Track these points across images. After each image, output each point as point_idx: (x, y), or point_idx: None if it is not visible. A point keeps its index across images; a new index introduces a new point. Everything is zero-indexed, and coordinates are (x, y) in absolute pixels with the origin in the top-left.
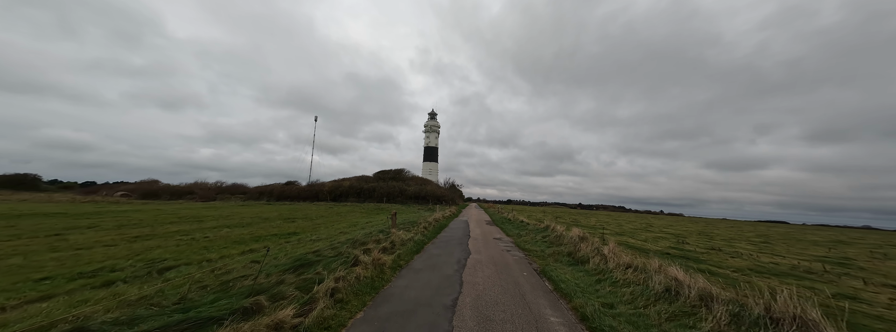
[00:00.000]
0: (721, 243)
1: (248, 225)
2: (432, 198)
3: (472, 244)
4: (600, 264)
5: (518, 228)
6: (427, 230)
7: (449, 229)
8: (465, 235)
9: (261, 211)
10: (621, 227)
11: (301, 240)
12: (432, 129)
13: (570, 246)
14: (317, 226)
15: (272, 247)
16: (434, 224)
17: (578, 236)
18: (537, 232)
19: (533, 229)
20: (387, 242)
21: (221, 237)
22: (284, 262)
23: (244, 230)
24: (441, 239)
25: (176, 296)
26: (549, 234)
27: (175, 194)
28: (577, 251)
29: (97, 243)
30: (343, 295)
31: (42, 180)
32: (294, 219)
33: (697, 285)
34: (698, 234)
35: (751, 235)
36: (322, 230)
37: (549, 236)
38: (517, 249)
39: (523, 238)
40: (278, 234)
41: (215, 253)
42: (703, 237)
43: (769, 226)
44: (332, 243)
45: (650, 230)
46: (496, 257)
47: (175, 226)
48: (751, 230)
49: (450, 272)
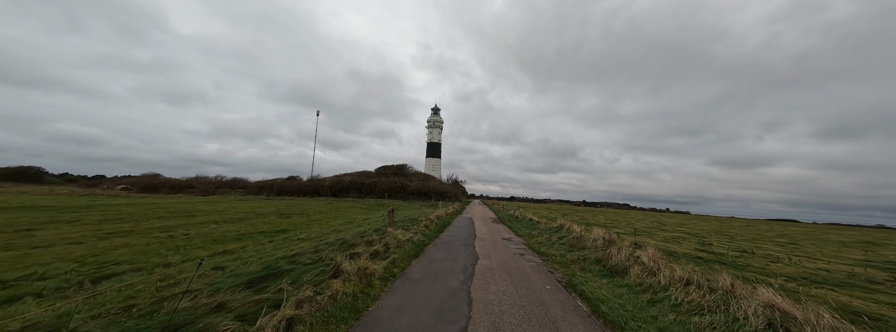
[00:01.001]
0: (746, 244)
1: (239, 221)
2: (435, 194)
3: (480, 246)
4: (644, 277)
5: (528, 227)
6: (428, 229)
7: (453, 228)
8: (471, 234)
9: (258, 206)
10: (633, 225)
11: (288, 239)
12: (435, 124)
13: (596, 251)
14: (311, 223)
15: (251, 248)
16: (436, 222)
17: (603, 237)
18: (551, 232)
19: (545, 228)
20: (380, 244)
21: (203, 235)
22: (250, 271)
23: (232, 227)
24: (444, 239)
25: (66, 322)
26: (565, 234)
27: (175, 188)
28: (607, 258)
29: (63, 241)
30: (304, 329)
31: (46, 172)
32: (289, 215)
33: (823, 322)
34: (716, 233)
35: (770, 234)
36: (315, 228)
37: (566, 238)
38: (532, 252)
39: (536, 239)
40: (266, 231)
41: (181, 255)
42: (723, 237)
43: (784, 225)
44: (318, 245)
45: (664, 229)
46: (509, 264)
47: (161, 221)
48: (768, 229)
49: (455, 285)
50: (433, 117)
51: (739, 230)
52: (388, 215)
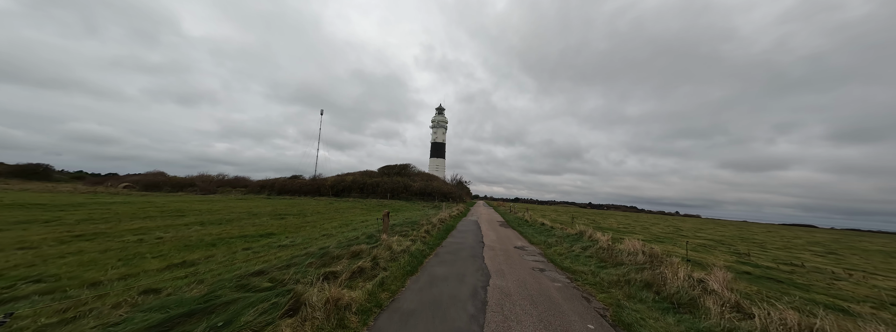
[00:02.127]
0: (782, 254)
1: (228, 222)
2: (438, 195)
3: (490, 257)
4: (731, 319)
5: (541, 232)
6: (430, 235)
7: (457, 233)
8: (478, 241)
9: (255, 206)
10: (648, 230)
11: (267, 246)
12: (439, 124)
13: (639, 270)
14: (304, 225)
15: (219, 258)
16: (439, 226)
17: (643, 251)
18: (570, 240)
19: (561, 234)
20: (368, 257)
21: (177, 239)
22: (184, 299)
23: (215, 229)
24: (447, 248)
25: None
26: (589, 244)
27: (177, 186)
28: (659, 281)
29: (14, 245)
30: None
31: (54, 170)
32: (284, 215)
33: None
34: (742, 240)
35: (800, 242)
36: (306, 231)
37: (591, 248)
38: (554, 267)
39: (555, 249)
40: (249, 235)
41: (127, 268)
42: (751, 245)
43: (806, 231)
44: (296, 255)
45: (683, 235)
46: (530, 285)
47: (144, 222)
48: (794, 236)
49: (461, 323)
50: (437, 117)
51: (764, 237)
52: (383, 219)
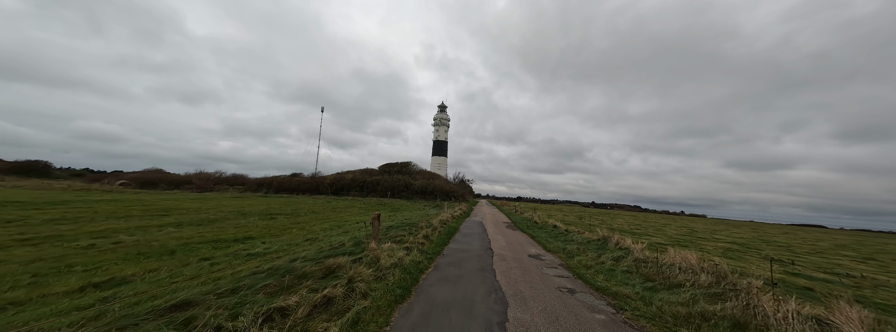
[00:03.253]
0: (818, 260)
1: (210, 223)
2: (440, 193)
3: (502, 271)
4: None
5: (555, 236)
6: (429, 241)
7: (461, 237)
8: (485, 248)
9: (248, 204)
10: (662, 232)
11: (234, 256)
12: (441, 122)
13: (711, 297)
14: (292, 226)
15: (165, 271)
16: (440, 229)
17: (707, 269)
18: (593, 247)
19: (580, 239)
20: (345, 277)
21: (138, 244)
22: None
23: (191, 232)
24: (450, 257)
25: None
26: (620, 254)
27: (173, 184)
28: (758, 321)
29: None
30: None
31: (53, 166)
32: (276, 215)
33: None
34: (765, 243)
35: (825, 245)
36: (291, 234)
37: (623, 259)
38: (585, 286)
39: (579, 259)
40: (223, 240)
41: (31, 290)
42: (778, 249)
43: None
44: (254, 273)
45: (701, 237)
46: (563, 317)
47: (118, 222)
48: (815, 238)
49: None
50: (440, 115)
51: (785, 239)
52: (372, 223)
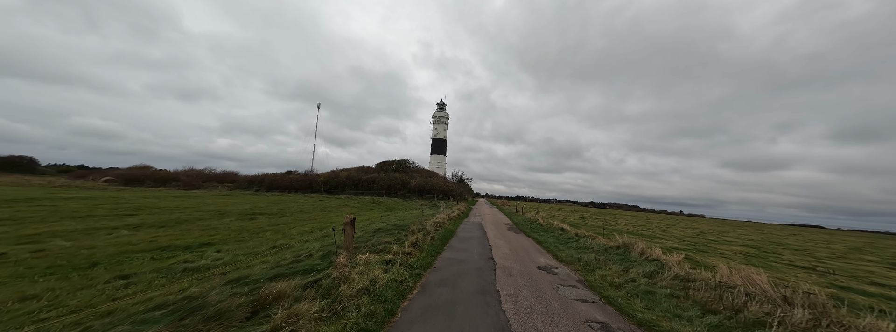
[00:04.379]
0: (844, 265)
1: (177, 224)
2: (438, 192)
3: (509, 293)
4: None
5: (564, 242)
6: (418, 249)
7: (458, 243)
8: (486, 257)
9: (234, 202)
10: (668, 233)
11: (168, 270)
12: (440, 120)
13: None
14: (267, 229)
15: (47, 299)
16: (434, 233)
17: (784, 295)
18: (615, 257)
19: (595, 246)
20: (274, 323)
21: (74, 250)
22: None
23: (147, 236)
24: (442, 272)
25: None
26: (653, 268)
27: (159, 181)
28: None
29: None
30: None
31: (38, 162)
32: (258, 215)
33: None
34: (775, 245)
35: (839, 247)
36: (262, 238)
37: (658, 275)
38: (625, 321)
39: (601, 274)
40: (172, 247)
41: None
42: (798, 254)
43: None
44: (160, 308)
45: (711, 239)
46: None
47: (69, 223)
48: (824, 241)
49: None
50: (438, 113)
51: (794, 241)
52: (345, 228)
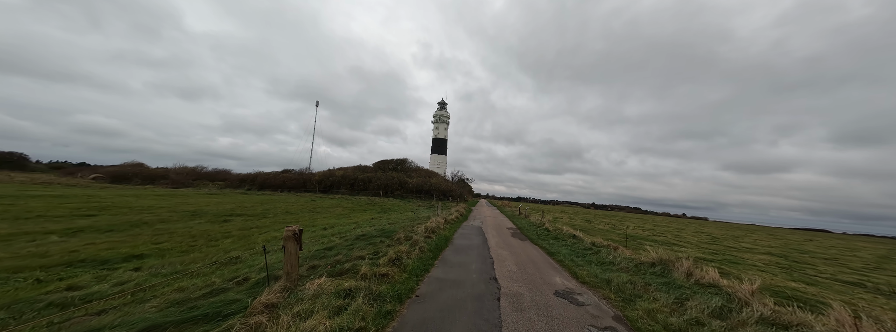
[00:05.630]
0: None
1: (132, 228)
2: (437, 192)
3: None
4: None
5: (580, 254)
6: (399, 269)
7: (452, 255)
8: (487, 277)
9: (214, 202)
10: (681, 238)
11: (32, 304)
12: (441, 119)
13: None
14: (235, 234)
15: None
16: (424, 243)
17: None
18: (652, 278)
19: (621, 261)
20: None
21: None
22: None
23: (84, 241)
24: (424, 308)
25: None
26: (717, 302)
27: (148, 179)
28: None
29: None
30: None
31: (29, 159)
32: (234, 217)
33: None
34: (798, 252)
35: (866, 255)
36: (217, 246)
37: (733, 314)
38: None
39: (644, 307)
40: (94, 260)
41: None
42: (831, 264)
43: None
44: None
45: (730, 246)
46: None
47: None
48: (847, 248)
49: None
50: (439, 112)
51: (815, 248)
52: (285, 248)
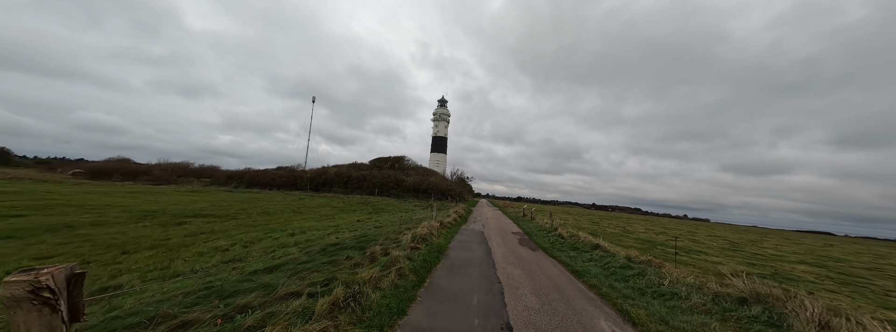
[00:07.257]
0: None
1: (47, 232)
2: (435, 192)
3: None
4: None
5: (619, 276)
6: (361, 308)
7: (444, 277)
8: (498, 325)
9: (188, 200)
10: (698, 242)
11: None
12: (441, 117)
13: None
14: (175, 241)
15: None
16: (410, 257)
17: None
18: (758, 328)
19: (682, 290)
20: None
21: None
22: None
23: None
24: None
25: None
26: None
27: (130, 175)
28: None
29: None
30: None
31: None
32: (196, 219)
33: None
34: (835, 261)
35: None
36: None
37: None
38: None
39: None
40: None
41: None
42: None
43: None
44: None
45: (756, 254)
46: None
47: None
48: (874, 253)
49: None
50: (439, 110)
51: (842, 254)
52: None
